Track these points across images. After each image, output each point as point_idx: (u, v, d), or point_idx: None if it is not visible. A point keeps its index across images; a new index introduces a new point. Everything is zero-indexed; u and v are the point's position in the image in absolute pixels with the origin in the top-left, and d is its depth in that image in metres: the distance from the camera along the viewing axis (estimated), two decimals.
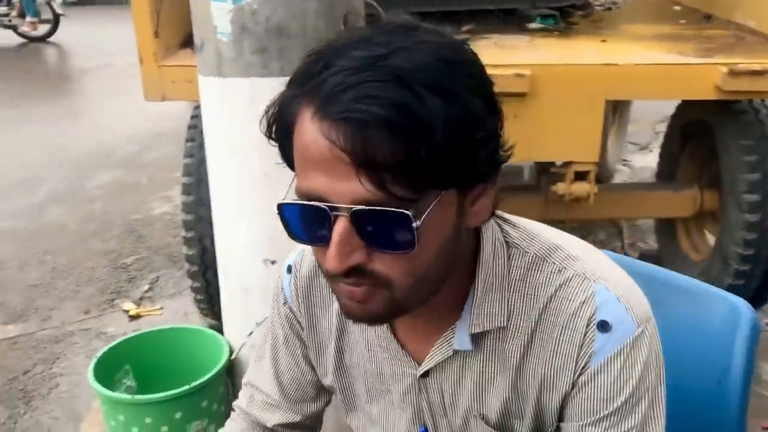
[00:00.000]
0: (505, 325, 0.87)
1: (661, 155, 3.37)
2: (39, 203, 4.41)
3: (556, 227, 0.95)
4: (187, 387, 1.87)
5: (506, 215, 0.93)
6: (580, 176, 2.51)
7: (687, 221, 3.12)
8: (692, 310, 1.22)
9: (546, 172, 2.80)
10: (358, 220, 0.71)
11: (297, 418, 1.10)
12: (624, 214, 3.47)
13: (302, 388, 1.09)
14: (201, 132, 2.45)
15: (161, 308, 3.15)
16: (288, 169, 0.82)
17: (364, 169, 0.68)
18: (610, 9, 3.49)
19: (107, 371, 1.99)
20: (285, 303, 1.05)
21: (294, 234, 0.78)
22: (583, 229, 3.58)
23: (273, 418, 1.10)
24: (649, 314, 0.87)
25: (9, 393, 2.58)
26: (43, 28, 10.23)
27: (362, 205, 0.70)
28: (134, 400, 1.87)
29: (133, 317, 3.08)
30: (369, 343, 0.97)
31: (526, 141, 2.33)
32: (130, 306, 3.16)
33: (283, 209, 0.77)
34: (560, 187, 2.53)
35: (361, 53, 0.70)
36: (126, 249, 3.76)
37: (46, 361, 2.77)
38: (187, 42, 2.55)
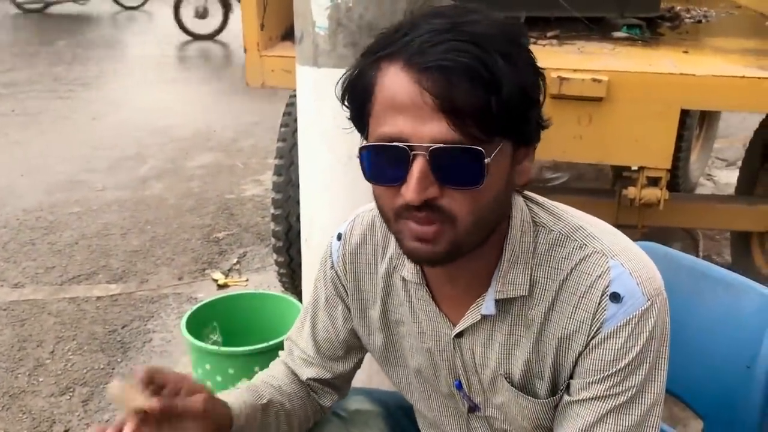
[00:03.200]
0: (527, 294, 0.99)
1: (742, 170, 3.37)
2: (142, 178, 4.76)
3: (628, 232, 1.04)
4: (265, 344, 2.07)
5: (535, 196, 1.05)
6: (652, 182, 2.58)
7: (763, 236, 3.12)
8: (729, 300, 1.31)
9: (620, 176, 2.88)
10: (435, 158, 0.83)
11: (327, 375, 1.22)
12: (695, 224, 3.48)
13: (333, 347, 1.21)
14: (294, 119, 2.67)
15: (247, 280, 3.39)
16: None
17: (446, 112, 0.82)
18: (700, 22, 3.51)
19: (197, 325, 2.22)
20: (332, 267, 1.17)
21: (371, 175, 0.90)
22: (657, 238, 3.60)
23: (307, 372, 1.22)
24: (660, 290, 0.97)
25: (109, 343, 2.86)
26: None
27: (442, 143, 0.83)
28: (219, 351, 2.09)
29: (221, 286, 3.33)
30: (412, 305, 1.09)
31: (601, 144, 2.44)
32: (219, 276, 3.41)
33: (364, 152, 0.89)
34: (631, 191, 2.60)
35: (440, 21, 0.85)
36: (219, 225, 4.04)
37: (142, 318, 3.05)
38: (286, 35, 2.78)
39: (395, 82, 0.84)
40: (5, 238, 3.81)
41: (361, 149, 0.89)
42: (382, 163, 0.87)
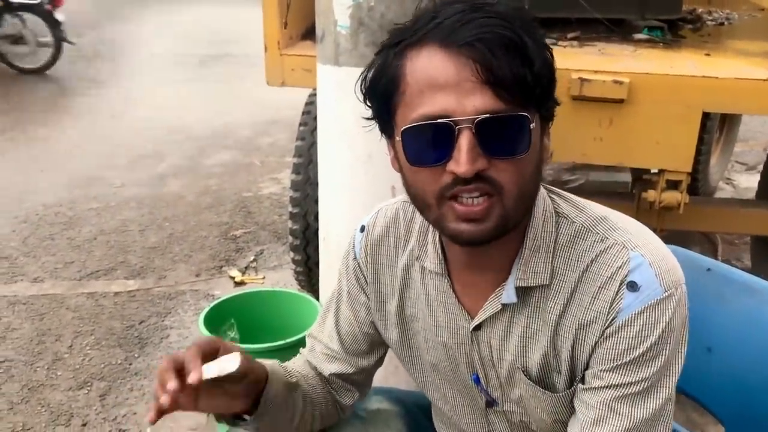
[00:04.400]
0: (548, 283, 0.99)
1: (763, 174, 3.33)
2: (160, 175, 4.79)
3: None
4: (282, 342, 2.07)
5: (557, 189, 1.05)
6: (673, 185, 2.55)
7: None
8: (752, 304, 1.29)
9: (640, 179, 2.86)
10: (481, 130, 0.85)
11: (350, 370, 1.22)
12: (715, 228, 3.45)
13: (357, 341, 1.21)
14: (314, 118, 2.67)
15: (263, 278, 3.41)
16: (385, 151, 0.98)
17: (490, 83, 0.84)
18: (722, 24, 3.48)
19: (215, 322, 2.22)
20: (354, 258, 1.18)
21: (414, 158, 0.90)
22: (675, 241, 3.58)
23: (329, 368, 1.21)
24: (679, 283, 0.96)
25: (126, 338, 2.88)
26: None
27: (487, 114, 0.85)
28: None
29: (238, 283, 3.35)
30: (429, 298, 1.09)
31: (621, 146, 2.43)
32: (236, 273, 3.43)
33: (407, 132, 0.89)
34: (651, 195, 2.57)
35: (461, 5, 0.87)
36: (236, 222, 4.06)
37: (160, 314, 3.07)
38: (306, 34, 2.78)
39: (431, 62, 0.86)
40: (25, 232, 3.85)
41: (403, 132, 0.89)
42: (425, 144, 0.88)
